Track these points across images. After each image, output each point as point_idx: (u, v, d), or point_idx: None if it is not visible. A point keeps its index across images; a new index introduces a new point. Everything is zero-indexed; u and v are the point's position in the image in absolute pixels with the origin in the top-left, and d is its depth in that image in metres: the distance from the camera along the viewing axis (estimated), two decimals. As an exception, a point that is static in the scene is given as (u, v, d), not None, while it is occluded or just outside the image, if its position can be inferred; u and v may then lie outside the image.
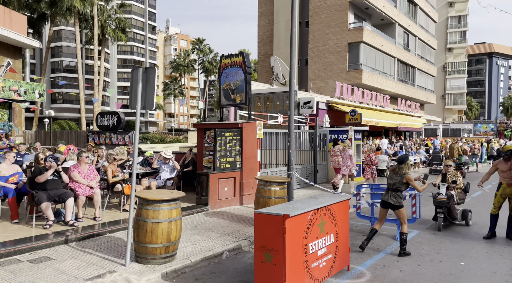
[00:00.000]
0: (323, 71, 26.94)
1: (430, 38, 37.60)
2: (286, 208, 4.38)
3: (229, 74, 9.61)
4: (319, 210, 4.55)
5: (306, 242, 4.28)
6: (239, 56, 9.41)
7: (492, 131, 43.98)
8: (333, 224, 4.83)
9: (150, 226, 4.89)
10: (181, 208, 8.40)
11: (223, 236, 6.40)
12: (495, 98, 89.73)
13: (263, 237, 4.11)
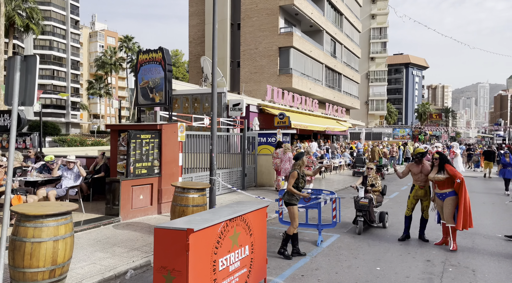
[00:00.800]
0: (255, 74, 26.97)
1: (355, 46, 39.90)
2: (193, 220, 3.86)
3: (147, 71, 8.84)
4: (232, 220, 4.12)
5: (215, 258, 3.81)
6: (158, 52, 8.70)
7: (408, 135, 48.04)
8: (248, 235, 4.44)
9: (29, 247, 4.04)
10: (87, 220, 7.37)
11: (131, 251, 5.68)
12: (411, 105, 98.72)
13: (163, 256, 3.55)
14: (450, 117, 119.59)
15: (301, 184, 5.85)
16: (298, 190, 5.87)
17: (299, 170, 5.88)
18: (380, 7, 66.25)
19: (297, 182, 5.79)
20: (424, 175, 6.71)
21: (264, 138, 14.21)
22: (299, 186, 5.83)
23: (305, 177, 5.96)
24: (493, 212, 9.75)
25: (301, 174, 5.85)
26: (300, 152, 6.12)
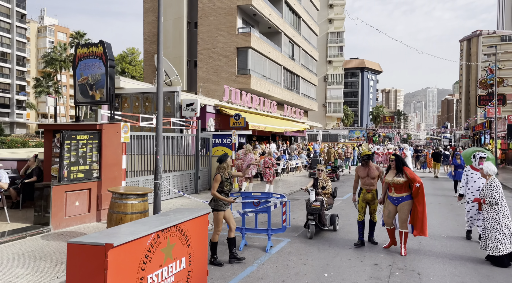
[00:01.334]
0: (213, 74, 26.47)
1: (312, 49, 40.56)
2: (116, 233, 3.40)
3: (86, 66, 8.13)
4: (164, 231, 3.70)
5: (143, 275, 3.37)
6: (98, 46, 8.03)
7: (363, 137, 49.72)
8: (185, 246, 4.03)
9: None
10: (12, 230, 6.64)
11: (58, 265, 5.05)
12: (366, 108, 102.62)
13: (78, 276, 3.06)
14: (402, 120, 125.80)
15: (226, 187, 5.57)
16: (225, 194, 5.58)
17: (224, 173, 5.60)
18: (337, 12, 68.14)
19: (221, 185, 5.52)
20: (370, 178, 6.50)
21: (219, 140, 13.82)
22: (224, 190, 5.55)
23: (232, 179, 5.70)
24: (439, 212, 10.03)
25: (225, 177, 5.57)
26: (223, 154, 5.81)
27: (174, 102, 14.09)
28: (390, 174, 6.16)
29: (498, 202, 5.65)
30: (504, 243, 5.55)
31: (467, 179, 7.45)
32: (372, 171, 6.51)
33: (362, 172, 6.58)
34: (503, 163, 27.45)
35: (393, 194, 6.13)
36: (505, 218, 5.64)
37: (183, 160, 12.33)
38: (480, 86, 32.77)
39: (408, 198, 6.04)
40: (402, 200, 6.06)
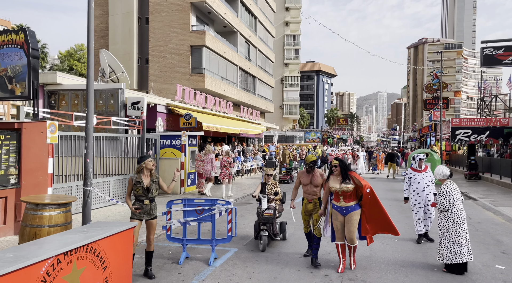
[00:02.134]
0: (165, 73, 25.36)
1: (269, 51, 40.52)
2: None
3: (4, 56, 7.05)
4: (68, 253, 2.98)
5: (34, 312, 2.64)
6: (19, 33, 6.99)
7: (318, 138, 50.60)
8: (99, 269, 3.33)
9: None
10: None
11: None
12: (322, 110, 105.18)
13: None
14: (355, 122, 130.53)
15: (137, 191, 4.95)
16: (139, 201, 4.96)
17: (137, 175, 5.01)
18: (293, 15, 69.08)
19: (135, 190, 4.94)
20: (313, 186, 5.80)
21: (168, 141, 12.98)
22: (136, 195, 4.94)
23: (152, 184, 5.07)
24: (389, 214, 9.96)
25: (136, 180, 4.98)
26: (142, 155, 5.18)
27: (118, 100, 13.05)
28: (335, 181, 5.42)
29: (448, 208, 5.48)
30: (455, 252, 5.35)
31: (410, 181, 7.46)
32: (316, 178, 5.79)
33: (305, 179, 5.84)
34: (447, 163, 28.94)
35: (341, 204, 5.38)
36: (455, 225, 5.43)
37: (126, 163, 11.39)
38: (426, 91, 34.44)
39: (357, 207, 5.39)
40: (351, 210, 5.35)
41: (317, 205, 5.83)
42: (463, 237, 5.38)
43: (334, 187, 5.41)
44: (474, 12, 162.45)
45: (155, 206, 5.17)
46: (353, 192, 5.37)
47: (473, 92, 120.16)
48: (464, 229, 5.42)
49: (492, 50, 14.36)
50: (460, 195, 5.61)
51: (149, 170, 5.04)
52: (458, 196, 5.51)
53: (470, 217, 9.81)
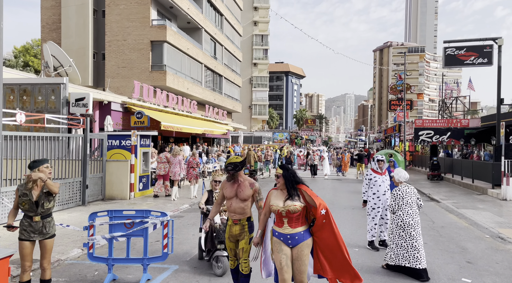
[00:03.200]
0: (124, 69, 23.91)
1: (236, 49, 39.70)
2: None
3: None
4: None
5: None
6: None
7: (286, 139, 50.35)
8: None
9: None
10: None
11: None
12: (291, 111, 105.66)
13: None
14: (324, 123, 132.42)
15: (23, 205, 4.02)
16: (28, 217, 4.02)
17: (25, 185, 4.08)
18: (262, 15, 68.73)
19: (21, 203, 4.04)
20: (240, 201, 4.22)
21: (117, 141, 11.86)
22: (28, 212, 4.00)
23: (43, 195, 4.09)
24: (352, 219, 9.45)
25: (23, 192, 4.05)
26: (41, 159, 4.19)
27: (60, 96, 11.77)
28: (278, 196, 3.82)
29: (396, 211, 5.47)
30: (397, 254, 5.39)
31: (370, 183, 6.93)
32: (242, 189, 4.23)
33: (228, 190, 4.29)
34: (410, 164, 29.31)
35: (285, 229, 3.72)
36: (398, 228, 5.42)
37: (68, 166, 10.19)
38: (390, 92, 34.91)
39: (307, 235, 3.73)
40: (299, 239, 3.69)
41: (246, 227, 4.26)
42: (407, 242, 5.30)
43: (275, 205, 3.75)
44: (436, 18, 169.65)
45: (49, 222, 4.17)
46: (302, 212, 3.76)
47: (435, 95, 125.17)
48: (409, 234, 5.31)
49: (454, 50, 14.34)
50: (414, 200, 5.48)
51: (42, 179, 3.99)
52: (410, 200, 5.40)
53: (433, 221, 9.45)
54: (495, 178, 13.41)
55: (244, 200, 4.22)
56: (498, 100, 14.07)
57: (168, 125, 19.02)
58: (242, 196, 4.22)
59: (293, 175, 3.86)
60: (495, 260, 6.24)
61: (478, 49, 14.16)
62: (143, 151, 12.28)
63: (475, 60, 14.12)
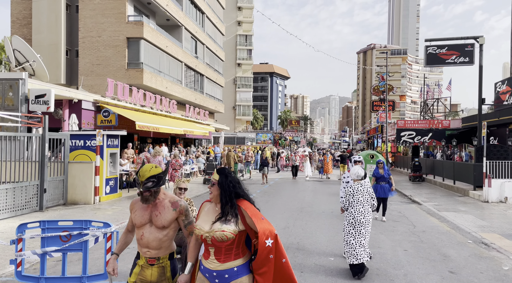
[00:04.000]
0: (98, 67, 22.92)
1: (218, 49, 38.99)
2: None
3: None
4: None
5: None
6: None
7: (270, 140, 49.84)
8: None
9: None
10: None
11: None
12: (275, 112, 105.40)
13: None
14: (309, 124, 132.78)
15: None
16: None
17: None
18: (246, 15, 68.23)
19: None
20: (157, 229, 2.82)
21: (81, 141, 11.04)
22: None
23: None
24: (330, 224, 8.92)
25: None
26: None
27: (19, 92, 10.87)
28: (209, 214, 2.68)
29: (347, 208, 5.50)
30: (349, 252, 5.31)
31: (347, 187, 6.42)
32: (160, 210, 2.84)
33: (138, 213, 2.87)
34: (392, 165, 29.18)
35: (210, 263, 2.58)
36: (349, 225, 5.43)
37: (25, 168, 9.35)
38: (373, 93, 34.82)
39: (243, 273, 2.56)
40: (230, 278, 2.54)
41: (168, 270, 2.86)
42: (356, 239, 5.30)
43: (199, 228, 2.62)
44: (418, 21, 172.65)
45: None
46: (238, 240, 2.58)
47: (417, 97, 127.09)
48: (359, 232, 5.32)
49: (436, 49, 14.06)
50: (367, 198, 5.41)
51: None
52: (361, 198, 5.36)
53: (415, 225, 9.01)
54: (477, 179, 13.14)
55: (162, 228, 2.81)
56: (479, 100, 13.85)
57: (143, 125, 18.19)
58: (159, 222, 2.80)
59: (233, 184, 2.64)
60: (479, 269, 5.78)
61: (460, 48, 13.92)
62: (111, 152, 11.48)
63: (457, 59, 13.87)
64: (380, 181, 9.25)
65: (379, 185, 9.24)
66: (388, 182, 9.22)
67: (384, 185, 9.21)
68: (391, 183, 9.29)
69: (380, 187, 9.20)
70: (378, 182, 9.28)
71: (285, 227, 8.48)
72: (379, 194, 9.02)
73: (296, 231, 8.18)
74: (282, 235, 7.68)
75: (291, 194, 14.42)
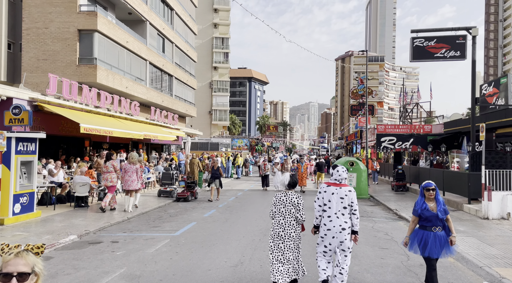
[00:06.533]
0: (45, 62, 20.15)
1: (190, 49, 36.66)
2: None
3: None
4: None
5: None
6: None
7: (246, 146, 47.66)
8: None
9: None
10: None
11: None
12: (254, 117, 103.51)
13: None
14: (288, 130, 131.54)
15: None
16: None
17: None
18: (222, 17, 66.22)
19: None
20: None
21: (-18, 147, 8.46)
22: None
23: None
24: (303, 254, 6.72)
25: None
26: None
27: None
28: None
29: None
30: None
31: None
32: None
33: None
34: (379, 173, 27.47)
35: None
36: (269, 238, 4.94)
37: None
38: (352, 96, 33.31)
39: None
40: None
41: None
42: (274, 253, 4.78)
43: None
44: (394, 29, 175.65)
45: None
46: None
47: (394, 103, 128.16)
48: (277, 246, 4.77)
49: (423, 41, 12.28)
50: (290, 209, 4.81)
51: None
52: (283, 209, 4.83)
53: (408, 255, 6.94)
54: (472, 191, 11.32)
55: None
56: (472, 99, 12.10)
57: (90, 127, 15.60)
58: None
59: None
60: None
61: (450, 41, 12.20)
62: (23, 160, 8.95)
63: (447, 53, 12.14)
64: (429, 225, 4.82)
65: (429, 233, 4.80)
66: (444, 226, 4.87)
67: (439, 233, 4.79)
68: (449, 226, 4.93)
69: (430, 238, 4.78)
70: (425, 226, 4.86)
71: (237, 263, 6.25)
72: (429, 252, 4.74)
73: (252, 268, 5.97)
74: (231, 279, 5.45)
75: (257, 210, 12.20)
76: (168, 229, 8.97)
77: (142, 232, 8.61)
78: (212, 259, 6.46)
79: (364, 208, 12.81)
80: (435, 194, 4.91)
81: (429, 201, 4.88)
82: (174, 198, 14.16)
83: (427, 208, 4.82)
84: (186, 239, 7.89)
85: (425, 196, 4.93)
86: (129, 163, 11.27)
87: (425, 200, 4.90)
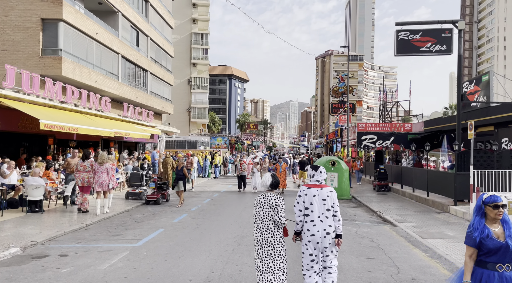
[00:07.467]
0: (4, 53, 18.55)
1: (166, 43, 35.27)
2: None
3: None
4: None
5: None
6: None
7: (225, 144, 46.62)
8: None
9: None
10: None
11: None
12: (234, 115, 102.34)
13: None
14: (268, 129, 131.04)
15: None
16: None
17: None
18: (202, 13, 64.77)
19: None
20: None
21: None
22: None
23: None
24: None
25: None
26: None
27: None
28: None
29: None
30: None
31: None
32: None
33: None
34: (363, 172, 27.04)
35: None
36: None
37: None
38: (332, 94, 32.84)
39: None
40: None
41: None
42: (255, 259, 4.47)
43: None
44: (373, 29, 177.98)
45: None
46: None
47: (373, 102, 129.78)
48: (256, 252, 4.47)
49: (408, 35, 11.69)
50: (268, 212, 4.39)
51: None
52: (261, 212, 4.44)
53: (398, 266, 6.20)
54: (458, 192, 10.78)
55: None
56: (458, 96, 11.59)
57: (52, 124, 14.28)
58: None
59: None
60: None
61: (436, 34, 11.64)
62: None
63: (432, 47, 11.58)
64: (493, 261, 3.05)
65: (493, 274, 3.04)
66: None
67: (508, 275, 3.03)
68: None
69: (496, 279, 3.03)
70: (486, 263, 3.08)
71: (205, 282, 5.32)
72: None
73: (220, 289, 5.06)
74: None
75: (233, 213, 11.29)
76: (130, 238, 7.95)
77: (99, 242, 7.56)
78: (175, 277, 5.52)
79: (346, 210, 12.12)
80: (503, 212, 3.11)
81: (492, 223, 3.12)
82: (144, 201, 13.07)
83: (491, 235, 3.05)
84: (149, 251, 6.90)
85: (487, 216, 3.13)
86: (98, 163, 10.77)
87: (486, 222, 3.12)
